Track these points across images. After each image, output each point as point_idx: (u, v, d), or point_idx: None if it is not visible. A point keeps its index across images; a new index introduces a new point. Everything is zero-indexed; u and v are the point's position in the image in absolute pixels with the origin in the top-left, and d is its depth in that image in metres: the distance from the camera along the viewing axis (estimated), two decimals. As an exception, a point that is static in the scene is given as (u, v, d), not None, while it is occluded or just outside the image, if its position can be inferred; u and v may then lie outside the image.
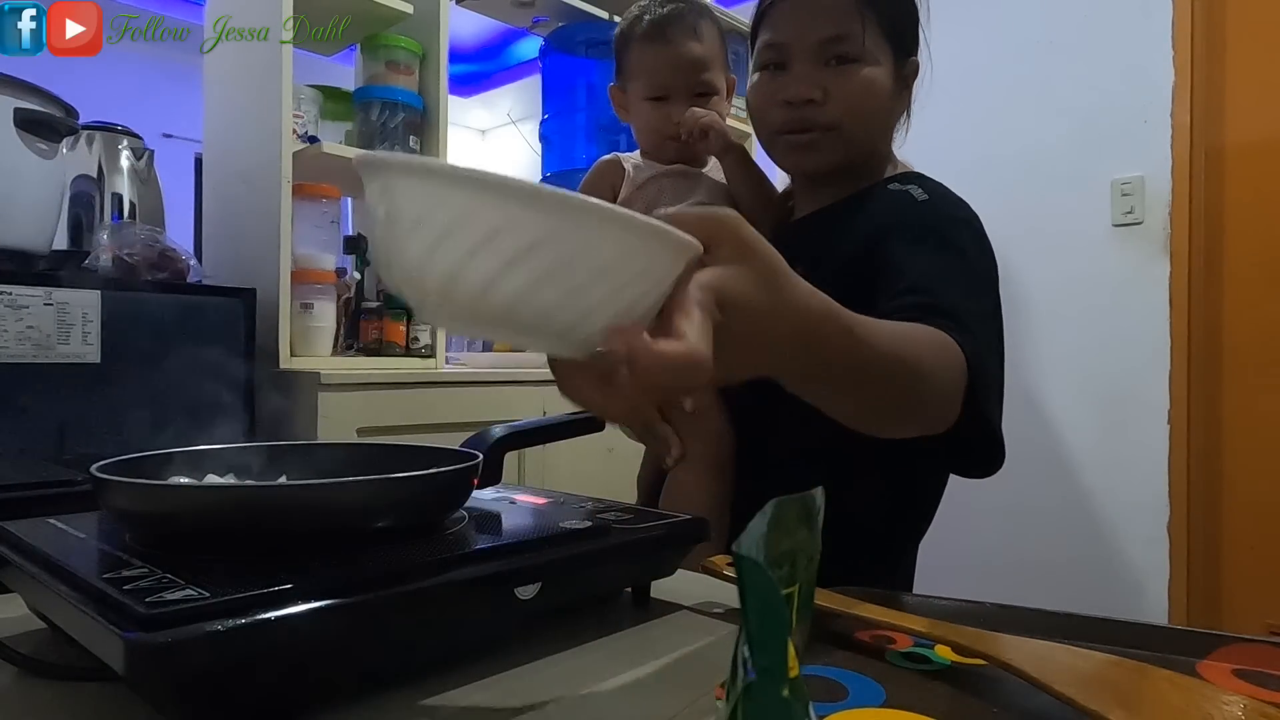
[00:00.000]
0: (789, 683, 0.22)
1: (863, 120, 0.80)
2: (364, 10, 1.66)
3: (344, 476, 0.49)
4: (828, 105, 0.78)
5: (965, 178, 2.67)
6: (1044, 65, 2.31)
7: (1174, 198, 2.11)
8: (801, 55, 0.79)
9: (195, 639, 0.34)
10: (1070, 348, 2.26)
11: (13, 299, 1.19)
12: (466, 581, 0.44)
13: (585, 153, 2.17)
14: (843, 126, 0.79)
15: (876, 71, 0.79)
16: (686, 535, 0.59)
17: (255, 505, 0.45)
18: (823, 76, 0.78)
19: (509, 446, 0.63)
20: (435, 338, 1.73)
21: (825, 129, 0.80)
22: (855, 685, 0.42)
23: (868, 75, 0.78)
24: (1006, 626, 0.46)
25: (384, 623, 0.41)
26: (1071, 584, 2.22)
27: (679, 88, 0.91)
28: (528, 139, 3.93)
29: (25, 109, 1.27)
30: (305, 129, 1.64)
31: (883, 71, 0.79)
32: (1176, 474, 2.10)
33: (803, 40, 0.79)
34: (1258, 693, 0.40)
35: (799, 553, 0.33)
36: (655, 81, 0.92)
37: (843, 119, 0.79)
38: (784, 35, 0.80)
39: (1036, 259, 2.31)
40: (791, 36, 0.79)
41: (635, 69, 0.93)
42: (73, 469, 0.74)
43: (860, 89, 0.78)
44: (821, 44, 0.78)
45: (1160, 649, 0.46)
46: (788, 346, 0.44)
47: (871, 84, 0.79)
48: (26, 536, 0.47)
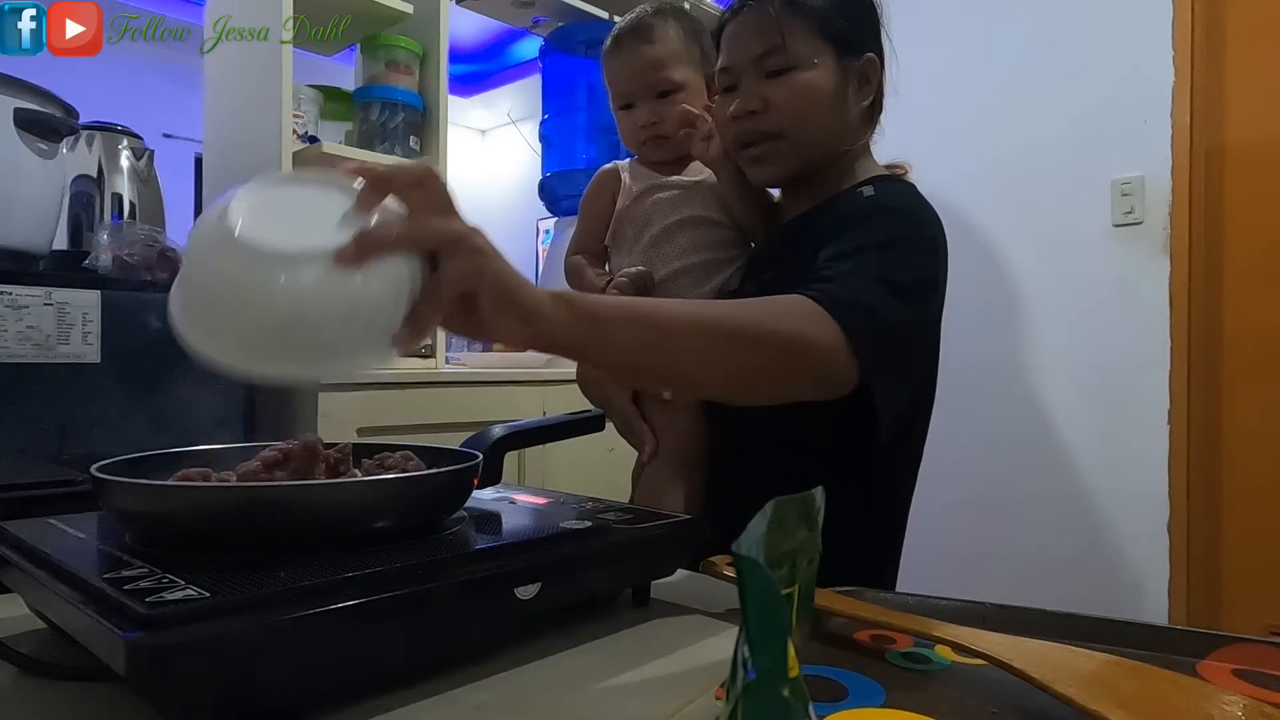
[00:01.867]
0: (789, 683, 0.22)
1: (805, 122, 0.83)
2: (364, 10, 1.66)
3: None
4: (769, 114, 0.82)
5: (965, 178, 2.67)
6: (1044, 65, 2.31)
7: (1174, 198, 2.11)
8: (744, 73, 0.84)
9: (195, 639, 0.34)
10: (1070, 347, 2.26)
11: (13, 299, 1.19)
12: (466, 581, 0.44)
13: (585, 153, 2.17)
14: (786, 132, 0.83)
15: (813, 74, 0.82)
16: (686, 535, 0.59)
17: (255, 505, 0.45)
18: (762, 88, 0.83)
19: (509, 446, 0.64)
20: (435, 337, 1.73)
21: (770, 138, 0.84)
22: (855, 685, 0.42)
23: (803, 80, 0.82)
24: (1006, 626, 0.46)
25: (384, 623, 0.41)
26: (1071, 583, 2.22)
27: (639, 92, 0.94)
28: (528, 139, 3.93)
29: (25, 109, 1.27)
30: (305, 129, 1.64)
31: (821, 73, 0.82)
32: (1176, 473, 2.10)
33: (742, 59, 0.84)
34: (1258, 693, 0.40)
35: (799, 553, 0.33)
36: (619, 90, 0.96)
37: (784, 125, 0.83)
38: (729, 59, 0.85)
39: (1036, 259, 2.31)
40: (733, 58, 0.85)
41: (607, 83, 0.98)
42: (73, 469, 0.74)
43: (796, 93, 0.82)
44: (755, 60, 0.83)
45: (1160, 649, 0.46)
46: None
47: (808, 87, 0.82)
48: (26, 536, 0.47)
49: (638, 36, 0.93)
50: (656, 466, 0.87)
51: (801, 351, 0.64)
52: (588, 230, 0.99)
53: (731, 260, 0.94)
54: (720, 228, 0.94)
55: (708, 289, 0.92)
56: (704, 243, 0.93)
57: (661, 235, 0.93)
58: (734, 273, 0.94)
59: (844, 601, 0.51)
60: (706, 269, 0.93)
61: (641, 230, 0.94)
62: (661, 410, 0.88)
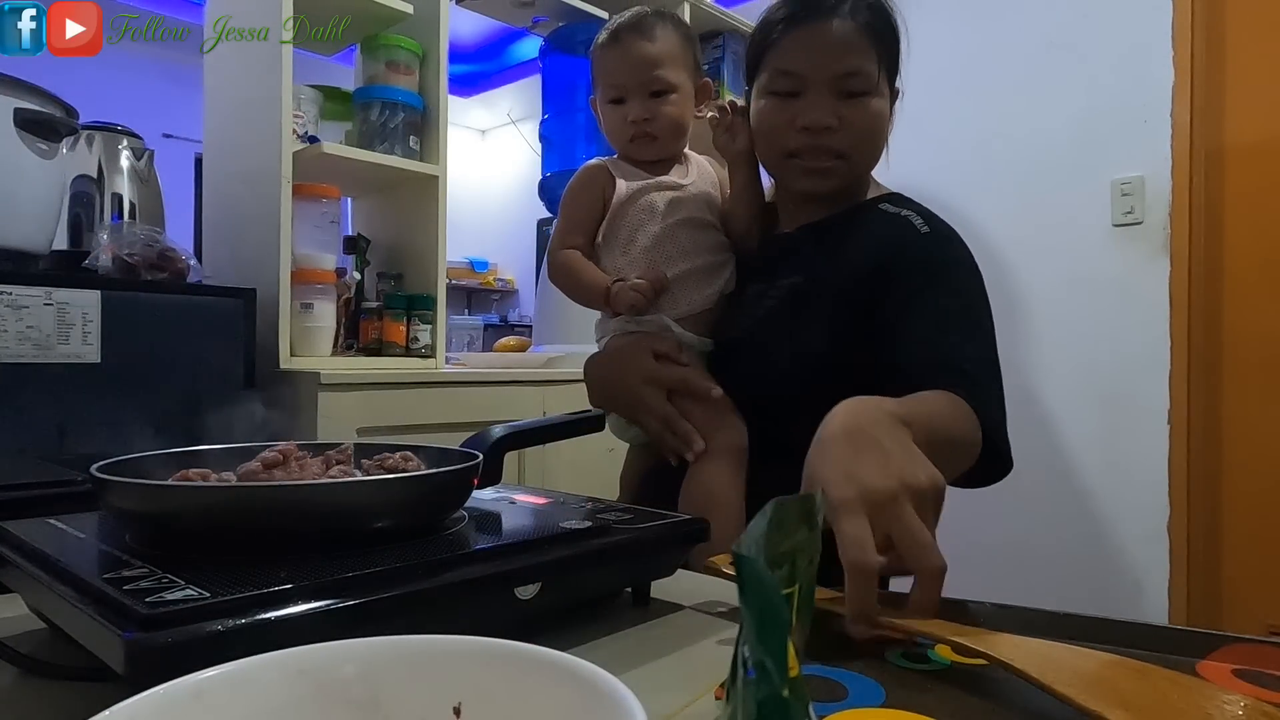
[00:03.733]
0: (789, 683, 0.22)
1: (870, 148, 0.86)
2: (364, 10, 1.66)
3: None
4: (841, 133, 0.84)
5: (966, 178, 2.67)
6: (1044, 64, 2.31)
7: (1174, 198, 2.11)
8: (817, 85, 0.83)
9: (195, 639, 0.34)
10: (1070, 348, 2.26)
11: (13, 299, 1.19)
12: (466, 581, 0.44)
13: (585, 152, 2.17)
14: (852, 155, 0.85)
15: (882, 104, 0.85)
16: (686, 535, 0.59)
17: (255, 505, 0.45)
18: (838, 106, 0.83)
19: (509, 446, 0.63)
20: (435, 338, 1.74)
21: (837, 156, 0.85)
22: (855, 685, 0.42)
23: (876, 107, 0.84)
24: (1006, 626, 0.46)
25: (384, 623, 0.41)
26: (1072, 583, 2.22)
27: (633, 87, 0.93)
28: (528, 139, 3.93)
29: (25, 109, 1.27)
30: (305, 129, 1.64)
31: (884, 102, 0.85)
32: (1176, 473, 2.10)
33: (819, 71, 0.83)
34: (1258, 693, 0.40)
35: (799, 553, 0.33)
36: (611, 83, 0.94)
37: (853, 147, 0.85)
38: (799, 65, 0.84)
39: (1036, 259, 2.31)
40: (807, 67, 0.83)
41: (597, 75, 0.97)
42: (73, 469, 0.74)
43: (871, 120, 0.84)
44: (838, 77, 0.83)
45: (1160, 649, 0.46)
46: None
47: (879, 115, 0.85)
48: (26, 536, 0.47)
49: (638, 32, 0.92)
50: (709, 465, 0.84)
51: (970, 451, 0.73)
52: (577, 225, 0.96)
53: (725, 264, 0.95)
54: (714, 231, 0.95)
55: (710, 291, 0.93)
56: (703, 245, 0.93)
57: (662, 235, 0.92)
58: (730, 276, 0.95)
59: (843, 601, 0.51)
60: (709, 271, 0.93)
61: (636, 230, 0.93)
62: (706, 408, 0.86)
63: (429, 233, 1.75)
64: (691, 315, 0.92)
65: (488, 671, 0.30)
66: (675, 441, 0.86)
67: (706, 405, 0.86)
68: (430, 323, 1.72)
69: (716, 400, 0.85)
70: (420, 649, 0.31)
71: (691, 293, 0.92)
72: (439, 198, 1.74)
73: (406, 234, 1.81)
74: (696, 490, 0.84)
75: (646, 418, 0.88)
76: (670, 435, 0.87)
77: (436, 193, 1.74)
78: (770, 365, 0.86)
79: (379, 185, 1.82)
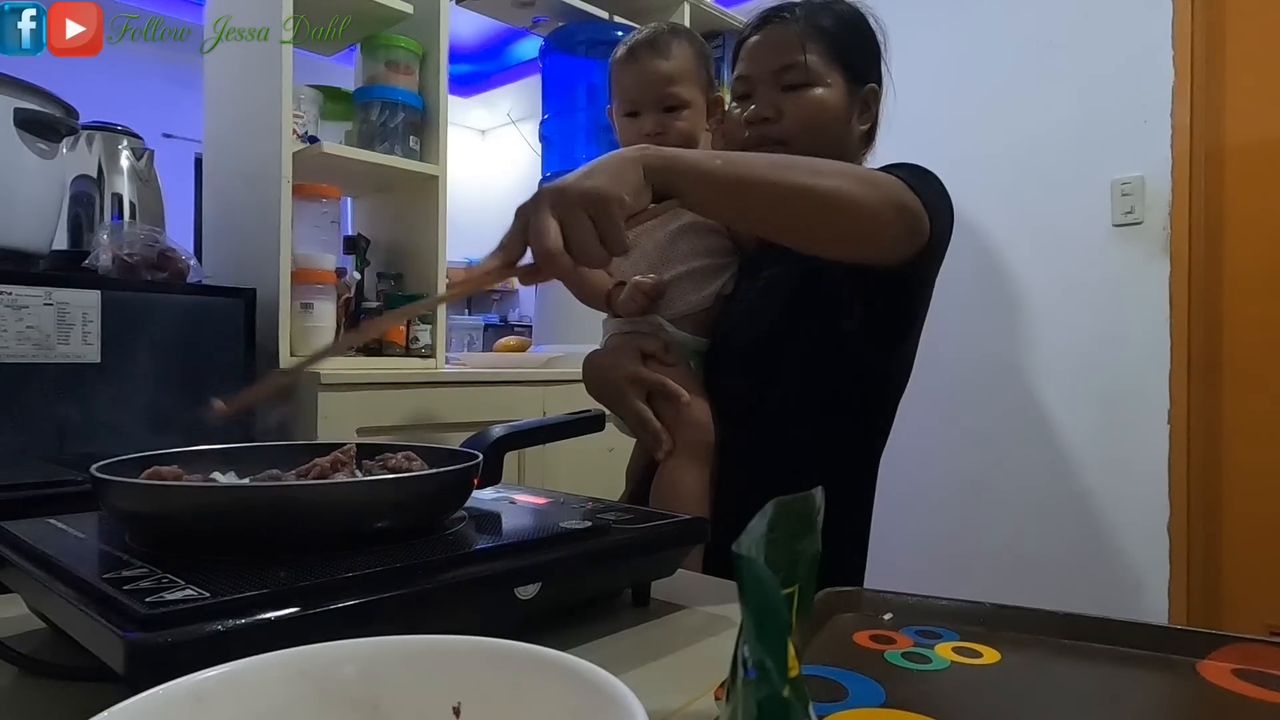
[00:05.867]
0: (789, 683, 0.22)
1: (812, 134, 0.89)
2: (364, 10, 1.66)
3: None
4: (781, 122, 0.90)
5: (966, 178, 2.68)
6: (1044, 65, 2.31)
7: (1174, 198, 2.11)
8: (761, 84, 0.91)
9: (195, 639, 0.34)
10: (1070, 348, 2.26)
11: (13, 299, 1.19)
12: (467, 581, 0.44)
13: (585, 153, 2.17)
14: (791, 141, 0.89)
15: (824, 93, 0.90)
16: (686, 535, 0.59)
17: (255, 505, 0.45)
18: (777, 99, 0.90)
19: (509, 446, 0.63)
20: (435, 338, 1.73)
21: (778, 143, 0.90)
22: (855, 685, 0.42)
23: (816, 95, 0.90)
24: (1006, 626, 0.46)
25: (384, 623, 0.41)
26: (1072, 583, 2.22)
27: (647, 102, 0.96)
28: (528, 139, 3.93)
29: (25, 109, 1.27)
30: (305, 129, 1.64)
31: (831, 93, 0.90)
32: (1176, 473, 2.10)
33: (761, 70, 0.91)
34: (1258, 692, 0.40)
35: (799, 553, 0.33)
36: (626, 98, 0.98)
37: (793, 133, 0.89)
38: (747, 69, 0.93)
39: (1036, 259, 2.31)
40: (752, 69, 0.92)
41: (614, 89, 1.00)
42: (73, 469, 0.74)
43: (809, 106, 0.89)
44: (774, 73, 0.90)
45: (1160, 649, 0.46)
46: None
47: (819, 102, 0.90)
48: (26, 536, 0.47)
49: (654, 50, 0.95)
50: (673, 463, 0.88)
51: (884, 206, 0.73)
52: None
53: (726, 266, 0.97)
54: (717, 235, 0.97)
55: (707, 292, 0.95)
56: (704, 249, 0.96)
57: (664, 240, 0.95)
58: (729, 278, 0.97)
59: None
60: (707, 273, 0.95)
61: (640, 235, 0.94)
62: (672, 407, 0.89)
63: (429, 233, 1.75)
64: (689, 315, 0.95)
65: (488, 671, 0.30)
66: (649, 439, 0.91)
67: (673, 404, 0.89)
68: (430, 323, 1.72)
69: (688, 403, 0.89)
70: (420, 649, 0.31)
71: (688, 294, 0.94)
72: (439, 198, 1.74)
73: (406, 234, 1.81)
74: (663, 486, 0.89)
75: (625, 414, 0.92)
76: (644, 434, 0.91)
77: (436, 193, 1.74)
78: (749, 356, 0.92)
79: (379, 185, 1.82)
